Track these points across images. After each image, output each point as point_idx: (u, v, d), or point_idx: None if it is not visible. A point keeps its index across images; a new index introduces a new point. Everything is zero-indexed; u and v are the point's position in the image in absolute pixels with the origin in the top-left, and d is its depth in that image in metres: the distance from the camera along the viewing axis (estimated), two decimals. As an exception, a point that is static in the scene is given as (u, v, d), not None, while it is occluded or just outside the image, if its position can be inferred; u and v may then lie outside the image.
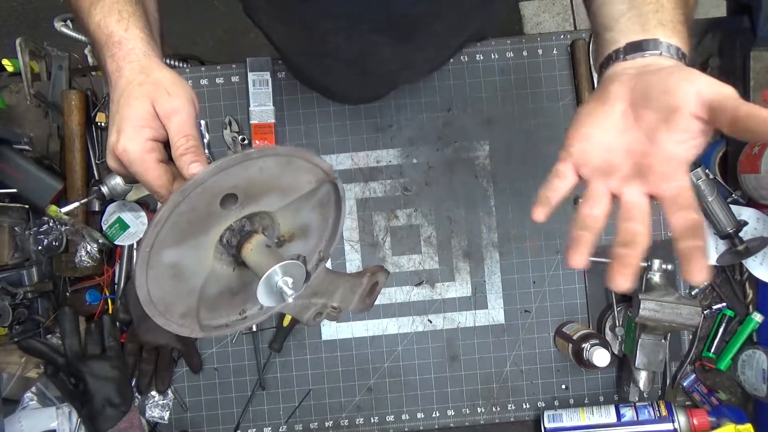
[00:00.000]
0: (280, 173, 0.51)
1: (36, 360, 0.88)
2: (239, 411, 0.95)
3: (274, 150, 0.49)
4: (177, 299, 0.52)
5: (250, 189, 0.50)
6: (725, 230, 0.90)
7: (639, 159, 0.47)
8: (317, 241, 0.61)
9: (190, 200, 0.46)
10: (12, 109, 0.95)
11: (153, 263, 0.48)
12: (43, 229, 0.88)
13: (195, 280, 0.52)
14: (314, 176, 0.54)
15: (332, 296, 0.64)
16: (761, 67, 0.86)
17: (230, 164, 0.46)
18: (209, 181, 0.46)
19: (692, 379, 0.95)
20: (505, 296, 0.96)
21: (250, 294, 0.58)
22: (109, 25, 0.52)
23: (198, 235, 0.50)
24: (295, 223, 0.57)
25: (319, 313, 0.64)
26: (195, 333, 0.54)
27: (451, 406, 0.96)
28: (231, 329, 0.58)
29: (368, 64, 0.74)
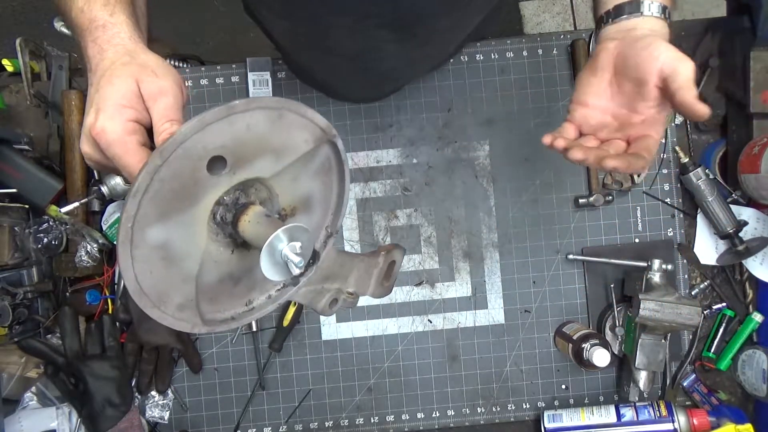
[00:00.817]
0: (271, 130, 0.46)
1: (36, 360, 0.88)
2: (239, 411, 0.95)
3: (261, 101, 0.44)
4: (171, 287, 0.46)
5: (239, 150, 0.45)
6: (725, 230, 0.90)
7: (623, 120, 0.59)
8: (322, 216, 0.55)
9: (171, 164, 0.41)
10: (12, 109, 0.95)
11: (137, 242, 0.42)
12: (43, 228, 0.88)
13: (189, 264, 0.47)
14: (310, 134, 0.49)
15: (346, 280, 0.59)
16: (761, 67, 0.86)
17: (214, 118, 0.42)
18: (191, 140, 0.41)
19: (692, 379, 0.95)
20: (505, 296, 0.96)
21: (255, 280, 0.53)
22: (93, 10, 0.50)
23: (186, 209, 0.45)
24: (295, 193, 0.52)
25: (334, 299, 0.59)
26: (197, 328, 0.49)
27: (451, 406, 0.96)
28: (238, 322, 0.53)
29: (370, 61, 0.74)
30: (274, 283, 0.54)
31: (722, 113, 0.94)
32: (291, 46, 0.83)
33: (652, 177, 0.96)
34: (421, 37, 0.69)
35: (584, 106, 0.61)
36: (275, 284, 0.54)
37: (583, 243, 0.96)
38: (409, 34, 0.67)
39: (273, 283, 0.54)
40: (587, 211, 0.96)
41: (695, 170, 0.90)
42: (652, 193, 0.96)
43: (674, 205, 0.96)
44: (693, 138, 0.97)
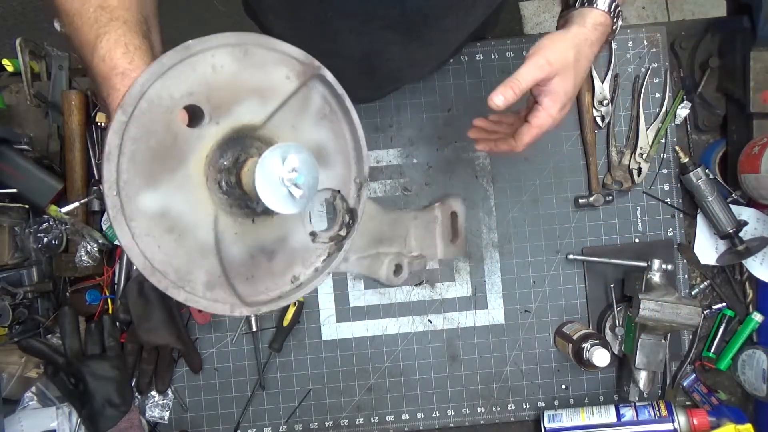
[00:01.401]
0: (242, 69, 0.42)
1: (36, 360, 0.88)
2: (239, 411, 0.95)
3: (219, 39, 0.41)
4: (189, 262, 0.42)
5: (213, 96, 0.41)
6: (725, 230, 0.90)
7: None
8: (345, 167, 0.50)
9: (139, 120, 0.38)
10: (12, 109, 0.95)
11: (131, 214, 0.38)
12: (43, 228, 0.88)
13: (201, 233, 0.42)
14: (290, 69, 0.45)
15: (404, 241, 0.54)
16: (761, 67, 0.86)
17: (169, 63, 0.39)
18: (153, 90, 0.38)
19: (692, 379, 0.95)
20: (505, 296, 0.96)
21: (293, 252, 0.48)
22: (114, 58, 0.49)
23: (174, 169, 0.41)
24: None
25: (398, 265, 0.54)
26: (238, 310, 0.44)
27: (451, 406, 0.96)
28: (286, 301, 0.48)
29: (374, 62, 0.74)
30: (317, 254, 0.49)
31: (722, 113, 0.94)
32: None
33: (652, 177, 0.96)
34: (425, 37, 0.69)
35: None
36: (318, 255, 0.49)
37: (583, 243, 0.96)
38: (414, 34, 0.67)
39: (315, 254, 0.49)
40: (587, 211, 0.96)
41: (695, 170, 0.90)
42: (652, 193, 0.96)
43: (674, 205, 0.96)
44: (693, 138, 0.97)
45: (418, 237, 0.54)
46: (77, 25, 0.51)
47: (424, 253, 0.54)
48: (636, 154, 0.95)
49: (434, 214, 0.55)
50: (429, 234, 0.54)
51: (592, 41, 0.65)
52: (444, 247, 0.56)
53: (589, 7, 0.65)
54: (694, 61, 0.95)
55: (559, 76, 0.62)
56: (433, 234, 0.55)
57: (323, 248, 0.50)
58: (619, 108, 0.96)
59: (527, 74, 0.61)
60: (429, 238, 0.54)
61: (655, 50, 0.97)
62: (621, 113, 0.96)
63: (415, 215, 0.54)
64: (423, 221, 0.54)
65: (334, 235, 0.50)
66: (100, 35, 0.50)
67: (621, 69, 0.96)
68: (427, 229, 0.55)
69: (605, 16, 0.65)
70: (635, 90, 0.96)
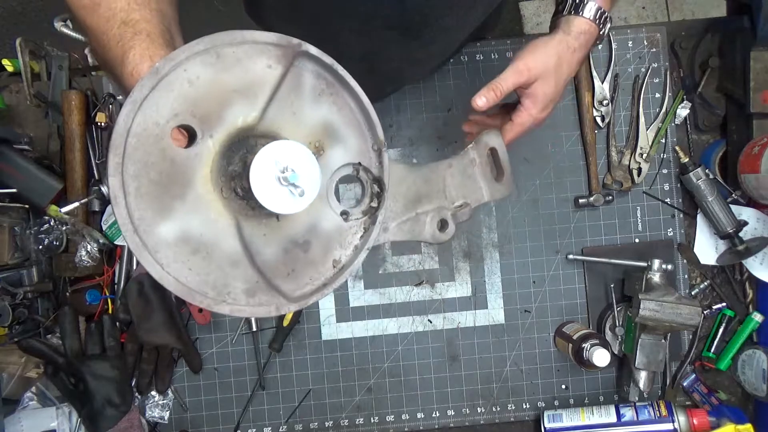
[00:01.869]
0: (219, 73, 0.41)
1: (36, 360, 0.88)
2: (239, 411, 0.95)
3: (186, 50, 0.40)
4: (224, 276, 0.42)
5: (198, 110, 0.41)
6: (725, 230, 0.90)
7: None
8: (360, 138, 0.48)
9: (133, 157, 0.38)
10: (12, 109, 0.95)
11: (154, 246, 0.39)
12: (44, 228, 0.88)
13: (227, 246, 0.42)
14: (268, 57, 0.43)
15: (444, 194, 0.51)
16: (761, 67, 0.86)
17: (143, 93, 0.38)
18: (136, 125, 0.38)
19: (692, 379, 0.95)
20: (505, 296, 0.96)
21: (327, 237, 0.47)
22: (142, 72, 0.49)
23: (183, 194, 0.41)
24: (308, 128, 0.46)
25: (443, 221, 0.51)
26: (285, 308, 0.44)
27: (451, 406, 0.96)
28: (333, 286, 0.47)
29: (375, 62, 0.74)
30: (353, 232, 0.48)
31: (722, 113, 0.94)
32: None
33: (652, 177, 0.96)
34: (426, 36, 0.69)
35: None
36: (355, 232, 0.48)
37: (583, 243, 0.96)
38: (414, 34, 0.68)
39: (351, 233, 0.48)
40: (587, 211, 0.96)
41: (695, 170, 0.90)
42: (652, 193, 0.96)
43: (674, 205, 0.96)
44: (693, 138, 0.97)
45: (457, 185, 0.52)
46: (104, 43, 0.52)
47: (468, 200, 0.53)
48: (636, 154, 0.95)
49: (470, 156, 0.53)
50: (469, 179, 0.52)
51: (575, 48, 0.67)
52: (489, 187, 0.54)
53: (575, 15, 0.66)
54: (694, 61, 0.95)
55: (540, 80, 0.66)
56: (474, 178, 0.53)
57: (358, 225, 0.49)
58: (619, 108, 0.96)
59: (507, 79, 0.64)
60: (470, 183, 0.52)
61: (655, 50, 0.97)
62: (621, 113, 0.96)
63: (449, 164, 0.52)
64: (459, 168, 0.53)
65: (366, 208, 0.49)
66: (126, 51, 0.50)
67: (621, 69, 0.96)
68: (466, 174, 0.53)
69: (590, 24, 0.66)
70: (635, 90, 0.96)
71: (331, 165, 0.47)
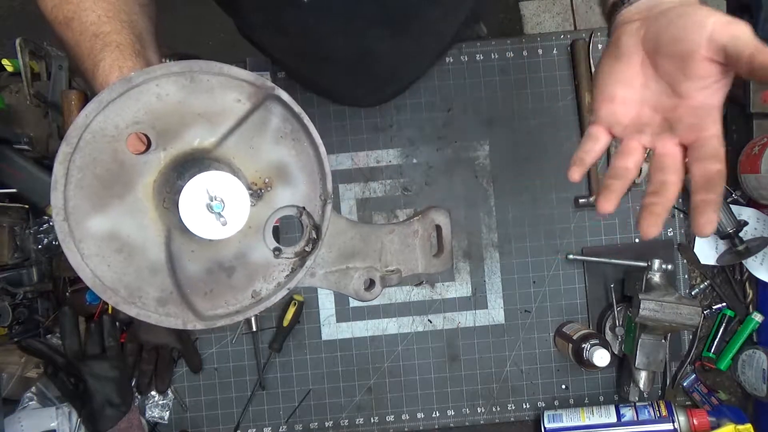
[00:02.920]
0: (188, 96, 0.43)
1: (36, 360, 0.88)
2: (239, 411, 0.95)
3: (162, 69, 0.42)
4: (140, 280, 0.44)
5: (158, 123, 0.43)
6: (725, 230, 0.90)
7: (668, 112, 0.47)
8: (310, 185, 0.50)
9: (84, 150, 0.40)
10: (12, 109, 0.95)
11: (80, 236, 0.41)
12: (43, 228, 0.88)
13: (152, 254, 0.44)
14: (240, 92, 0.45)
15: (378, 255, 0.53)
16: (761, 67, 0.86)
17: (111, 96, 0.40)
18: (95, 123, 0.40)
19: (692, 379, 0.95)
20: (505, 296, 0.96)
21: (253, 268, 0.49)
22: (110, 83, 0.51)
23: (122, 195, 0.43)
24: (261, 164, 0.48)
25: (370, 280, 0.53)
26: (191, 323, 0.46)
27: (451, 406, 0.96)
28: (245, 315, 0.48)
29: (368, 61, 0.74)
30: (280, 269, 0.50)
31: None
32: (292, 62, 0.83)
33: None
34: (413, 30, 0.69)
35: (612, 101, 0.49)
36: (282, 270, 0.50)
37: (583, 243, 0.96)
38: (401, 29, 0.67)
39: (278, 269, 0.50)
40: (587, 211, 0.96)
41: (695, 170, 0.90)
42: (652, 193, 0.96)
43: (674, 205, 0.96)
44: (693, 138, 0.97)
45: (394, 251, 0.54)
46: (78, 56, 0.54)
47: (402, 268, 0.55)
48: (636, 154, 0.94)
49: (413, 228, 0.55)
50: (407, 248, 0.54)
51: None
52: (426, 261, 0.56)
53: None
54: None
55: None
56: (413, 248, 0.55)
57: (287, 264, 0.50)
58: (619, 108, 0.96)
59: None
60: (408, 252, 0.54)
61: (655, 50, 0.97)
62: (621, 113, 0.96)
63: (391, 229, 0.54)
64: (400, 235, 0.55)
65: (300, 250, 0.50)
66: (97, 63, 0.52)
67: (621, 69, 0.96)
68: (405, 243, 0.55)
69: None
70: (635, 90, 0.96)
71: (276, 203, 0.49)
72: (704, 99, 0.45)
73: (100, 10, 0.53)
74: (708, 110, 0.45)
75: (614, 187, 0.49)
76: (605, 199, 0.49)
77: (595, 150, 0.50)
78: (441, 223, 0.57)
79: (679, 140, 0.47)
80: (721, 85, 0.45)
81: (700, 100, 0.45)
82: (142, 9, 0.58)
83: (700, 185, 0.44)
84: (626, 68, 0.49)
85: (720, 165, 0.44)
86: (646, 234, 0.47)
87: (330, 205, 0.50)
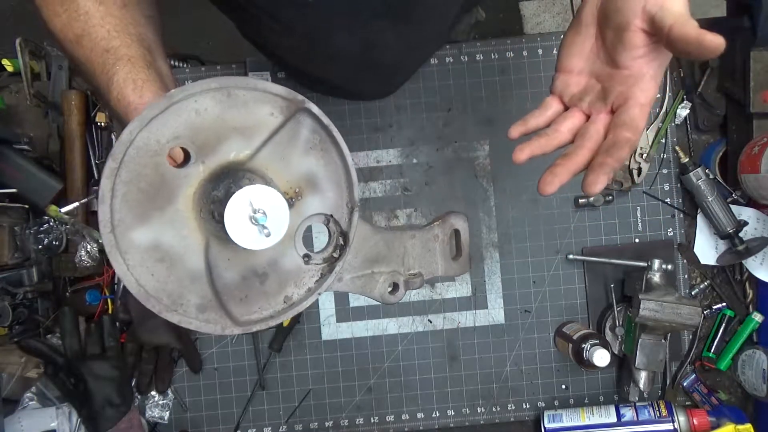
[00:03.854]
0: (225, 111, 0.45)
1: (36, 360, 0.88)
2: (239, 411, 0.95)
3: (201, 85, 0.43)
4: (181, 288, 0.46)
5: (197, 137, 0.45)
6: (725, 230, 0.90)
7: (605, 81, 0.50)
8: (337, 193, 0.52)
9: (128, 165, 0.42)
10: (12, 109, 0.95)
11: (126, 247, 0.43)
12: (43, 228, 0.88)
13: (192, 262, 0.46)
14: (273, 106, 0.47)
15: (401, 260, 0.55)
16: (761, 67, 0.86)
17: (153, 113, 0.42)
18: (139, 139, 0.42)
19: (692, 379, 0.95)
20: (505, 296, 0.96)
21: (285, 274, 0.51)
22: (126, 96, 0.53)
23: (164, 207, 0.45)
24: (292, 174, 0.50)
25: (393, 284, 0.55)
26: (229, 329, 0.48)
27: (451, 406, 0.96)
28: (277, 320, 0.51)
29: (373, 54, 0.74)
30: (309, 275, 0.52)
31: (722, 113, 0.94)
32: (298, 62, 0.84)
33: (652, 177, 0.96)
34: (415, 18, 0.69)
35: (567, 72, 0.53)
36: (311, 276, 0.52)
37: (583, 243, 0.96)
38: (402, 17, 0.68)
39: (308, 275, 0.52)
40: (587, 211, 0.96)
41: (695, 170, 0.90)
42: (652, 193, 0.96)
43: (674, 205, 0.96)
44: (693, 138, 0.97)
45: (416, 256, 0.56)
46: (91, 72, 0.54)
47: (423, 271, 0.56)
48: (636, 154, 0.95)
49: (434, 232, 0.57)
50: (428, 252, 0.56)
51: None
52: (445, 264, 0.58)
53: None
54: (694, 61, 0.95)
55: None
56: (434, 252, 0.57)
57: (316, 269, 0.52)
58: (619, 108, 0.96)
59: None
60: (428, 256, 0.56)
61: (655, 50, 0.97)
62: (621, 113, 0.96)
63: (413, 234, 0.56)
64: (421, 240, 0.57)
65: (328, 256, 0.52)
66: (111, 77, 0.53)
67: (621, 69, 0.96)
68: (426, 248, 0.57)
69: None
70: (635, 90, 0.96)
71: (305, 211, 0.51)
72: (638, 68, 0.47)
73: (108, 26, 0.54)
74: (637, 79, 0.47)
75: (537, 142, 0.53)
76: (525, 146, 0.53)
77: (543, 116, 0.54)
78: (460, 227, 0.59)
79: (610, 108, 0.50)
80: (655, 56, 0.47)
81: (633, 69, 0.47)
82: (148, 21, 0.59)
83: (604, 148, 0.47)
84: (583, 40, 0.52)
85: (629, 133, 0.46)
86: (542, 190, 0.50)
87: (357, 212, 0.52)
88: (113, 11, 0.55)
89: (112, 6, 0.55)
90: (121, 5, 0.55)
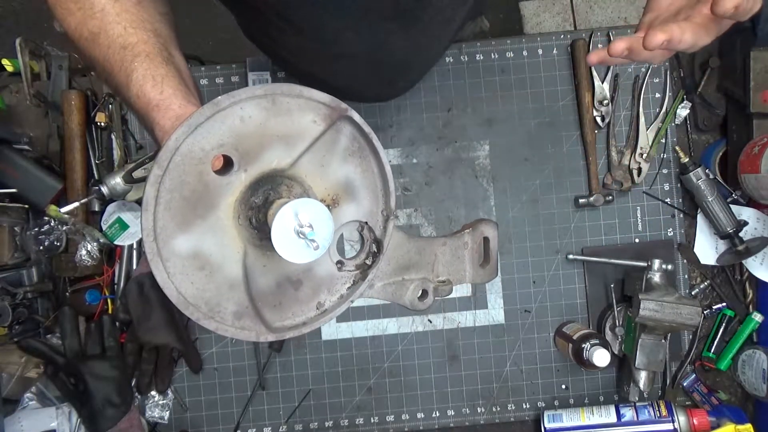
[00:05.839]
0: (269, 118, 0.45)
1: (36, 360, 0.88)
2: (239, 411, 0.95)
3: (246, 92, 0.43)
4: (219, 296, 0.45)
5: (241, 145, 0.44)
6: (725, 230, 0.90)
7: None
8: (373, 200, 0.52)
9: (173, 173, 0.42)
10: (12, 109, 0.95)
11: (167, 255, 0.42)
12: (44, 229, 0.88)
13: (230, 270, 0.46)
14: (316, 113, 0.47)
15: (431, 267, 0.56)
16: (761, 67, 0.86)
17: (199, 120, 0.41)
18: (184, 145, 0.41)
19: (692, 379, 0.95)
20: (505, 296, 0.96)
21: (318, 281, 0.51)
22: (146, 93, 0.52)
23: (206, 215, 0.44)
24: (330, 182, 0.50)
25: (423, 291, 0.55)
26: (263, 336, 0.48)
27: (451, 406, 0.96)
28: (311, 327, 0.50)
29: (380, 55, 0.74)
30: (342, 282, 0.52)
31: (722, 113, 0.94)
32: (304, 61, 0.83)
33: (652, 177, 0.96)
34: (424, 20, 0.70)
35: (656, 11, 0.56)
36: (344, 282, 0.52)
37: (583, 243, 0.96)
38: (411, 20, 0.68)
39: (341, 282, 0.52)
40: (587, 211, 0.96)
41: (695, 170, 0.90)
42: (652, 193, 0.96)
43: (674, 205, 0.96)
44: (693, 138, 0.97)
45: (445, 263, 0.56)
46: (109, 70, 0.54)
47: (452, 279, 0.57)
48: (636, 154, 0.95)
49: (464, 240, 0.57)
50: (457, 260, 0.56)
51: None
52: (473, 271, 0.58)
53: None
54: (694, 61, 0.95)
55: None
56: (462, 259, 0.57)
57: (349, 276, 0.52)
58: (619, 108, 0.96)
59: None
60: (457, 263, 0.56)
61: (655, 50, 0.97)
62: (621, 113, 0.96)
63: (444, 242, 0.56)
64: (451, 247, 0.57)
65: (361, 263, 0.52)
66: (129, 74, 0.52)
67: (621, 69, 0.96)
68: (456, 255, 0.56)
69: None
70: (635, 90, 0.96)
71: (341, 218, 0.50)
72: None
73: (124, 22, 0.53)
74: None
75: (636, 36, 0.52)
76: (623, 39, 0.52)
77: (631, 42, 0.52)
78: (489, 235, 0.59)
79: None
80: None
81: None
82: (162, 17, 0.58)
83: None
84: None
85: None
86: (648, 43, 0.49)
87: (393, 221, 0.53)
88: (129, 7, 0.54)
89: (128, 2, 0.54)
90: (136, 1, 0.54)
